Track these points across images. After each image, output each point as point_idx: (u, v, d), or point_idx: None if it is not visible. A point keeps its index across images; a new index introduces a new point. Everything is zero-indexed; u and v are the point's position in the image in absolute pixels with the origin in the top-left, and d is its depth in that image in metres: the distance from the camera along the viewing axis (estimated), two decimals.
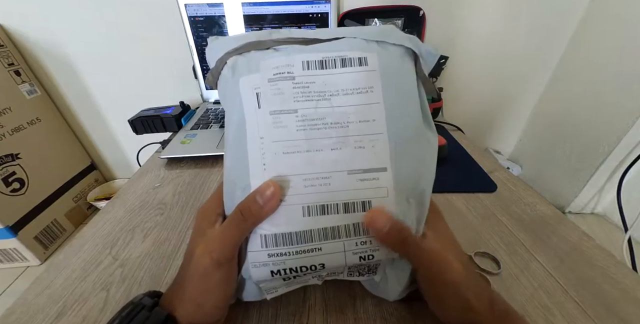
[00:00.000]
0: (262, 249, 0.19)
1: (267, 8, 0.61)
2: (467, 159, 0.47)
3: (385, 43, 0.20)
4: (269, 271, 0.19)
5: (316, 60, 0.19)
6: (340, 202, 0.19)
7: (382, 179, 0.19)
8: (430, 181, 0.21)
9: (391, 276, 0.22)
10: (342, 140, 0.19)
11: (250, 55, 0.21)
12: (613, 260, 0.29)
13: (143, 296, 0.19)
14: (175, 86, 0.88)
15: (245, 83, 0.20)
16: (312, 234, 0.19)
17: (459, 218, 0.35)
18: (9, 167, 0.81)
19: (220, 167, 0.46)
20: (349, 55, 0.19)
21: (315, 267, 0.19)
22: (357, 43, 0.20)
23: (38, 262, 0.89)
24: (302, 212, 0.18)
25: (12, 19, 0.79)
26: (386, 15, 0.69)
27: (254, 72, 0.20)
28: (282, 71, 0.19)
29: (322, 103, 0.19)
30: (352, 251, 0.19)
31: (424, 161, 0.21)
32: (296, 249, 0.19)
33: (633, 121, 0.73)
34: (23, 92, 0.85)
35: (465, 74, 0.88)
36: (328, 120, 0.19)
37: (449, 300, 0.19)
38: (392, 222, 0.18)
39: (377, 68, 0.19)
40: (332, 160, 0.19)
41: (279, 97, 0.19)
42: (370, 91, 0.19)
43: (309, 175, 0.19)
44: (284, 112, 0.19)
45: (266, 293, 0.22)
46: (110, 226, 0.35)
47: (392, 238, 0.18)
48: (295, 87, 0.19)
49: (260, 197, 0.18)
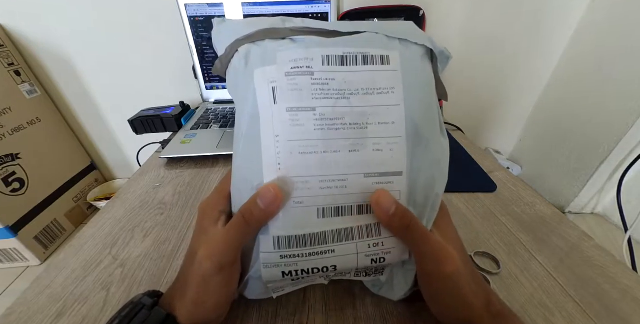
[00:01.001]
0: (274, 250, 0.18)
1: (267, 8, 0.61)
2: (467, 159, 0.47)
3: (407, 42, 0.20)
4: (281, 272, 0.19)
5: (337, 56, 0.18)
6: (354, 205, 0.18)
7: (397, 182, 0.19)
8: (443, 185, 0.21)
9: (398, 275, 0.22)
10: (360, 142, 0.18)
11: (265, 44, 0.19)
12: (613, 260, 0.29)
13: (143, 295, 0.19)
14: (175, 86, 0.88)
15: (260, 76, 0.19)
16: (325, 236, 0.18)
17: (459, 218, 0.35)
18: (9, 167, 0.81)
19: (221, 167, 0.46)
20: (371, 53, 0.19)
21: (327, 268, 0.19)
22: (379, 39, 0.19)
23: (38, 262, 0.89)
24: (317, 214, 0.18)
25: (12, 19, 0.79)
26: (386, 15, 0.69)
27: (270, 64, 0.18)
28: (300, 65, 0.18)
29: (341, 102, 0.18)
30: (365, 253, 0.19)
31: (439, 166, 0.20)
32: (309, 251, 0.18)
33: (633, 121, 0.73)
34: (23, 92, 0.85)
35: (465, 74, 0.88)
36: (347, 120, 0.18)
37: (446, 295, 0.19)
38: (397, 205, 0.18)
39: (399, 68, 0.19)
40: (349, 162, 0.18)
41: (296, 93, 0.18)
42: (392, 92, 0.19)
43: (326, 177, 0.18)
44: (302, 109, 0.18)
45: (273, 292, 0.22)
46: (110, 226, 0.35)
47: (397, 222, 0.18)
48: (314, 84, 0.18)
49: (261, 201, 0.17)
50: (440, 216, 0.21)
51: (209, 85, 0.68)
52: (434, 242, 0.19)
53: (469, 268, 0.20)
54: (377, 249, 0.19)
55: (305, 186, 0.18)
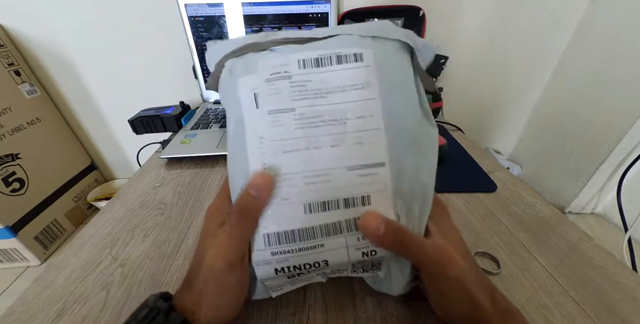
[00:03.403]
0: (265, 247, 0.19)
1: (267, 8, 0.61)
2: (467, 159, 0.47)
3: (380, 38, 0.20)
4: (273, 269, 0.19)
5: (312, 59, 0.20)
6: (340, 198, 0.19)
7: (381, 173, 0.19)
8: (431, 174, 0.21)
9: (395, 268, 0.22)
10: (340, 137, 0.19)
11: (247, 56, 0.21)
12: (613, 260, 0.29)
13: (156, 298, 0.19)
14: (175, 86, 0.88)
15: (243, 84, 0.20)
16: (314, 230, 0.19)
17: (459, 218, 0.35)
18: (9, 167, 0.81)
19: (221, 167, 0.47)
20: (344, 52, 0.20)
21: (319, 264, 0.20)
22: (352, 39, 0.20)
23: (38, 262, 0.89)
24: (304, 209, 0.19)
25: (12, 19, 0.78)
26: (386, 15, 0.69)
27: (251, 73, 0.20)
28: (278, 71, 0.20)
29: (319, 101, 0.19)
30: (355, 246, 0.19)
31: (424, 155, 0.21)
32: (299, 247, 0.19)
33: (633, 121, 0.73)
34: (23, 92, 0.84)
35: (465, 74, 0.88)
36: (326, 117, 0.19)
37: (452, 295, 0.19)
38: (385, 223, 0.18)
39: (372, 63, 0.20)
40: (331, 157, 0.19)
41: (276, 97, 0.19)
42: (367, 86, 0.19)
43: (309, 172, 0.19)
44: (282, 111, 0.19)
45: (271, 291, 0.22)
46: (110, 226, 0.35)
47: (389, 240, 0.18)
48: (293, 86, 0.19)
49: (252, 189, 0.18)
50: (439, 216, 0.21)
51: (210, 89, 0.68)
52: (432, 248, 0.19)
53: (473, 267, 0.20)
54: (366, 241, 0.19)
55: (290, 182, 0.19)
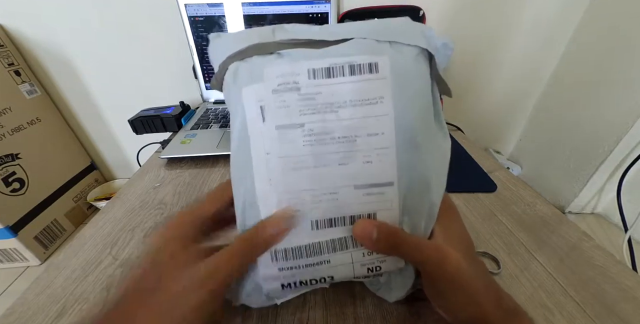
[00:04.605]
0: (272, 263, 0.19)
1: (267, 8, 0.61)
2: (467, 159, 0.47)
3: (398, 44, 0.19)
4: (280, 284, 0.19)
5: (322, 68, 0.18)
6: (347, 216, 0.19)
7: (389, 193, 0.19)
8: (440, 192, 0.20)
9: (396, 280, 0.22)
10: (349, 155, 0.18)
11: (252, 61, 0.19)
12: (613, 260, 0.29)
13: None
14: (175, 86, 0.88)
15: (248, 94, 0.19)
16: (320, 246, 0.19)
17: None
18: (9, 167, 0.81)
19: (221, 167, 0.46)
20: (358, 61, 0.18)
21: (325, 279, 0.20)
22: (367, 45, 0.19)
23: (38, 262, 0.89)
24: (311, 226, 0.19)
25: (12, 19, 0.78)
26: (386, 15, 0.69)
27: (257, 82, 0.19)
28: (287, 81, 0.18)
29: (329, 116, 0.18)
30: (360, 262, 0.19)
31: (435, 173, 0.20)
32: (306, 263, 0.19)
33: (633, 120, 0.73)
34: (23, 92, 0.84)
35: (465, 73, 0.88)
36: (335, 134, 0.18)
37: (453, 295, 0.19)
38: (379, 228, 0.18)
39: (388, 75, 0.18)
40: (340, 175, 0.18)
41: (284, 111, 0.18)
42: (380, 101, 0.18)
43: (317, 191, 0.18)
44: (290, 126, 0.18)
45: (276, 299, 0.22)
46: (110, 226, 0.35)
47: (383, 244, 0.18)
48: (301, 99, 0.18)
49: (272, 228, 0.18)
50: (446, 213, 0.21)
51: (209, 85, 0.68)
52: (428, 248, 0.19)
53: (475, 265, 0.19)
54: (372, 257, 0.19)
55: (297, 200, 0.18)
